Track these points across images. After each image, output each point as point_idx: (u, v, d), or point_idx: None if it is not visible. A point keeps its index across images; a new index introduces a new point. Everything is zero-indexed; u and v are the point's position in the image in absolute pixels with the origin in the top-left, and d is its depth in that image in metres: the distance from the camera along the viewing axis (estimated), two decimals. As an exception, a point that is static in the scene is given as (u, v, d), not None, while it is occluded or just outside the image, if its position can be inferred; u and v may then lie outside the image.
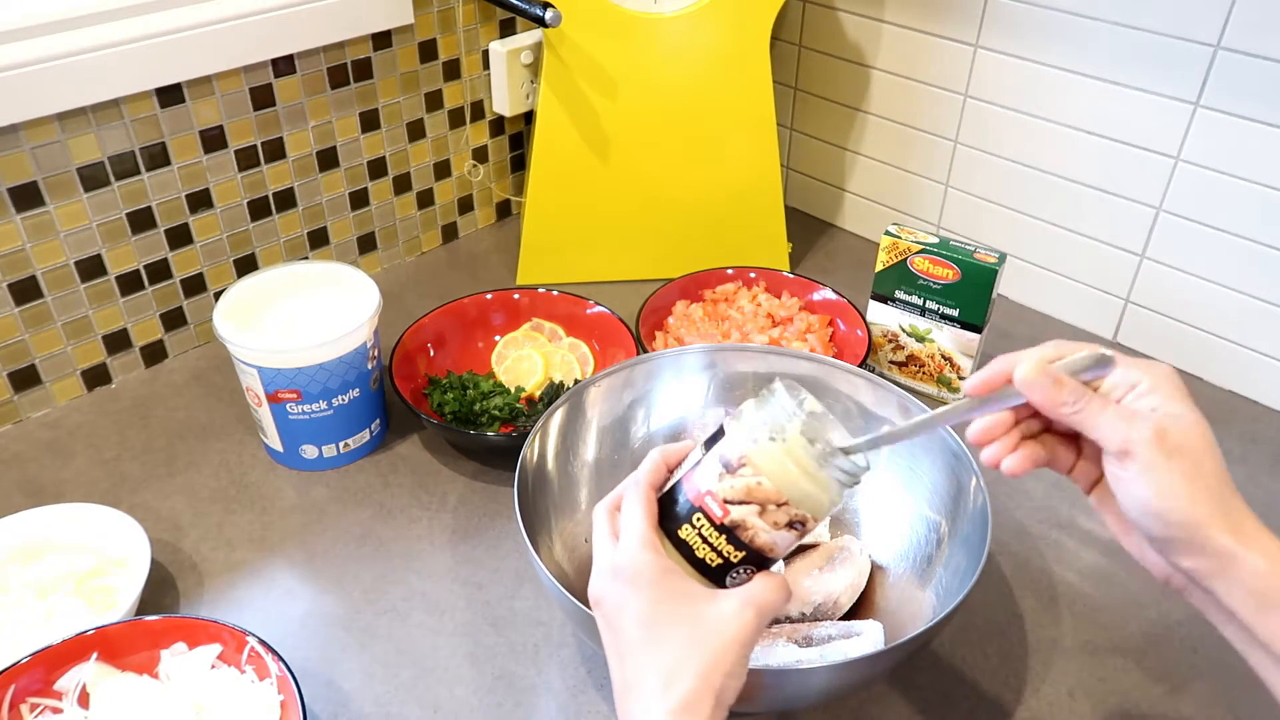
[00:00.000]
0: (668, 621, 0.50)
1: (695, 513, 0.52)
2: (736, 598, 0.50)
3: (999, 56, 1.03)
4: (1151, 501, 0.47)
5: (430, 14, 1.07)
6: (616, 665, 0.51)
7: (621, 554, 0.51)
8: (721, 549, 0.51)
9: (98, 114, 0.88)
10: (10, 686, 0.63)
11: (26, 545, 0.75)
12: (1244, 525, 0.47)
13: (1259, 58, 0.87)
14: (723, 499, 0.51)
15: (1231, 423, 0.96)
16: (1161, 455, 0.47)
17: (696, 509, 0.52)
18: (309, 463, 0.89)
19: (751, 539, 0.51)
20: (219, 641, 0.67)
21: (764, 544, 0.51)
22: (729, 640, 0.49)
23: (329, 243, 1.11)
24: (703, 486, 0.52)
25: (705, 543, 0.51)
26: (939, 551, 0.72)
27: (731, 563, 0.52)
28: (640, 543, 0.51)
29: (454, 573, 0.80)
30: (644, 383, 0.82)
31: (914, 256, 0.93)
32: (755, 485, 0.50)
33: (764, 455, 0.50)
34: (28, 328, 0.91)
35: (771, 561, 0.53)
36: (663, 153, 1.09)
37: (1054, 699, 0.71)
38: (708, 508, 0.51)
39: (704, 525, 0.51)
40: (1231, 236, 0.94)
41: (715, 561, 0.52)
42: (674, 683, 0.48)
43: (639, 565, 0.50)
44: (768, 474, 0.50)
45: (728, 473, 0.51)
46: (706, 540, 0.51)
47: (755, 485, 0.50)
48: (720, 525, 0.51)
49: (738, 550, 0.51)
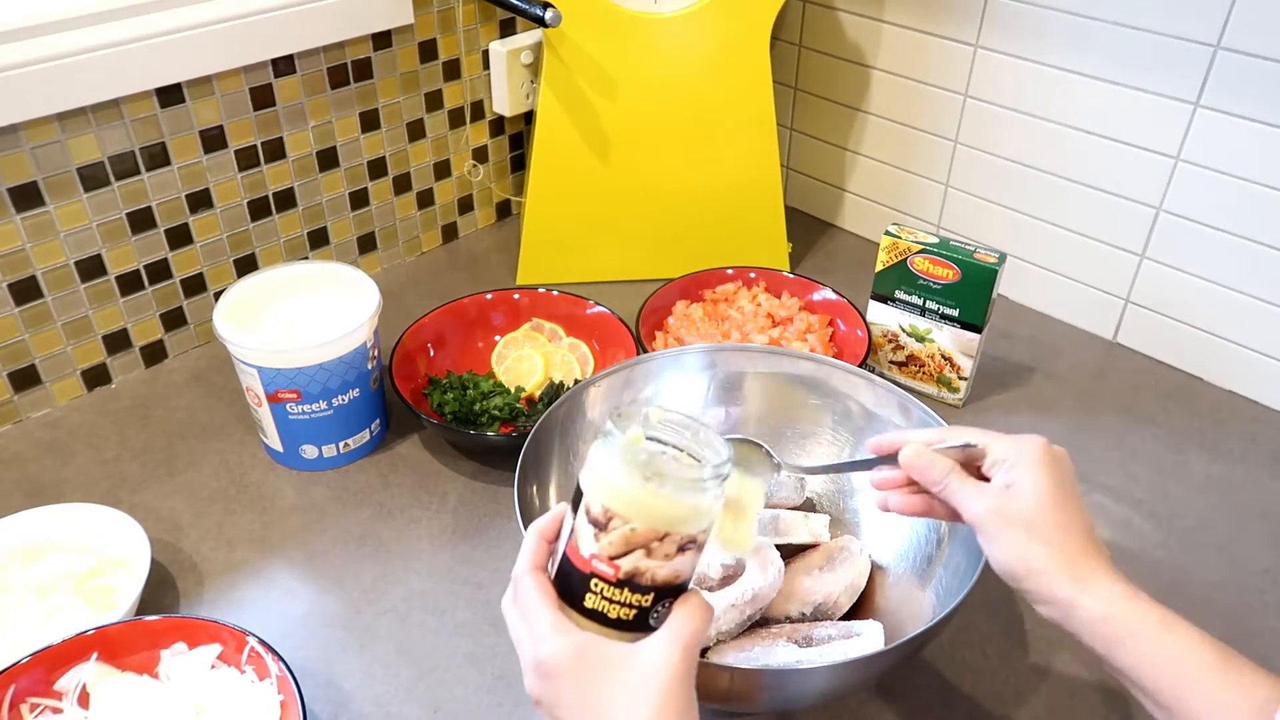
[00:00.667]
0: (603, 696, 0.49)
1: (590, 579, 0.50)
2: (659, 642, 0.50)
3: (999, 56, 1.04)
4: (997, 563, 0.57)
5: (430, 14, 1.07)
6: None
7: (537, 647, 0.51)
8: (630, 601, 0.50)
9: (98, 114, 0.88)
10: (10, 686, 0.63)
11: (26, 545, 0.75)
12: (1084, 575, 0.55)
13: (1259, 58, 0.87)
14: (607, 557, 0.50)
15: (1231, 423, 0.96)
16: (1001, 525, 0.57)
17: (589, 576, 0.50)
18: (309, 463, 0.89)
19: (652, 579, 0.50)
20: (219, 641, 0.67)
21: (667, 578, 0.50)
22: (666, 684, 0.48)
23: (329, 243, 1.11)
24: (585, 552, 0.51)
25: (613, 603, 0.50)
26: (939, 551, 0.72)
27: (645, 608, 0.51)
28: (548, 629, 0.51)
29: (454, 573, 0.80)
30: (644, 383, 0.82)
31: (914, 256, 0.93)
32: (630, 533, 0.49)
33: (622, 499, 0.49)
34: (28, 328, 0.91)
35: (685, 585, 0.52)
36: (663, 153, 1.09)
37: (1054, 699, 0.71)
38: (598, 571, 0.50)
39: (603, 588, 0.50)
40: (1231, 236, 0.94)
41: (630, 615, 0.51)
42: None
43: (555, 652, 0.50)
44: (635, 516, 0.49)
45: (600, 530, 0.50)
46: (613, 600, 0.50)
47: (630, 533, 0.49)
48: (617, 581, 0.50)
49: (644, 595, 0.50)
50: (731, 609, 0.67)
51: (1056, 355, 1.06)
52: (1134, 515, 0.86)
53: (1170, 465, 0.91)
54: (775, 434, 0.83)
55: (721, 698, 0.63)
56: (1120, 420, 0.97)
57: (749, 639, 0.69)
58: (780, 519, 0.77)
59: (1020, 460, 0.58)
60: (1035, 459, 0.58)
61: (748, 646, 0.68)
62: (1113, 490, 0.89)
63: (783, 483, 0.80)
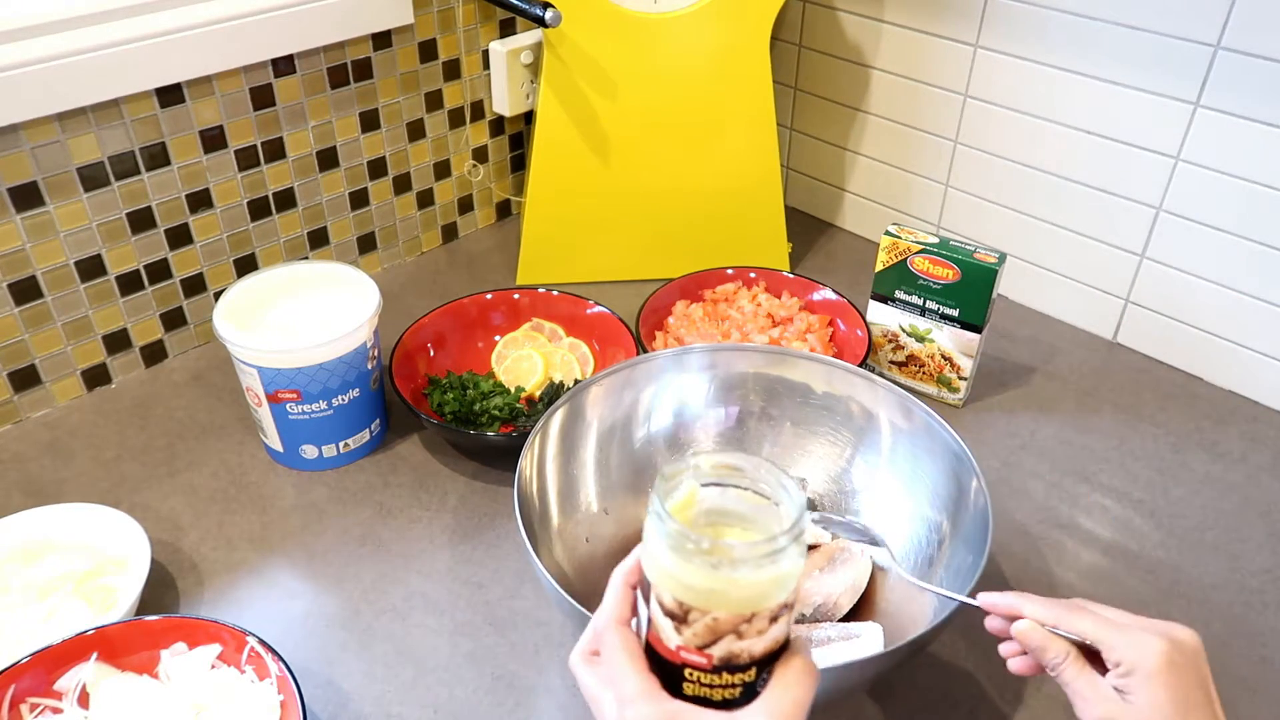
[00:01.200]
0: None
1: (684, 669, 0.46)
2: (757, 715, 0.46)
3: (999, 56, 1.04)
4: None
5: (430, 14, 1.07)
6: None
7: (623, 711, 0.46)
8: (731, 683, 0.46)
9: (98, 114, 0.88)
10: (10, 686, 0.63)
11: (26, 545, 0.75)
12: None
13: (1259, 58, 0.87)
14: (695, 648, 0.45)
15: (1231, 423, 0.96)
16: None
17: (682, 666, 0.46)
18: (309, 463, 0.89)
19: (750, 656, 0.46)
20: (219, 641, 0.67)
21: (766, 649, 0.46)
22: None
23: (329, 243, 1.11)
24: (671, 644, 0.46)
25: (714, 688, 0.46)
26: (940, 552, 0.72)
27: (750, 683, 0.46)
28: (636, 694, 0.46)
29: (454, 573, 0.80)
30: (644, 383, 0.82)
31: (914, 256, 0.93)
32: (712, 623, 0.44)
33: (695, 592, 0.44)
34: (28, 328, 0.91)
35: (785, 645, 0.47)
36: (663, 153, 1.09)
37: (1054, 699, 0.71)
38: (690, 662, 0.46)
39: (699, 676, 0.46)
40: (1231, 236, 0.94)
41: (735, 693, 0.46)
42: None
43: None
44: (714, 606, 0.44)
45: (680, 623, 0.45)
46: (714, 685, 0.46)
47: (712, 623, 0.44)
48: (713, 668, 0.46)
49: (746, 672, 0.46)
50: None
51: (1056, 355, 1.06)
52: (1134, 515, 0.86)
53: (1170, 465, 0.91)
54: (775, 433, 0.83)
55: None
56: (1120, 420, 0.97)
57: (749, 639, 0.69)
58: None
59: (1139, 669, 0.53)
60: (1155, 670, 0.52)
61: (748, 647, 0.68)
62: (1113, 490, 0.89)
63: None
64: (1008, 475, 0.90)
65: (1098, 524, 0.85)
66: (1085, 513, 0.86)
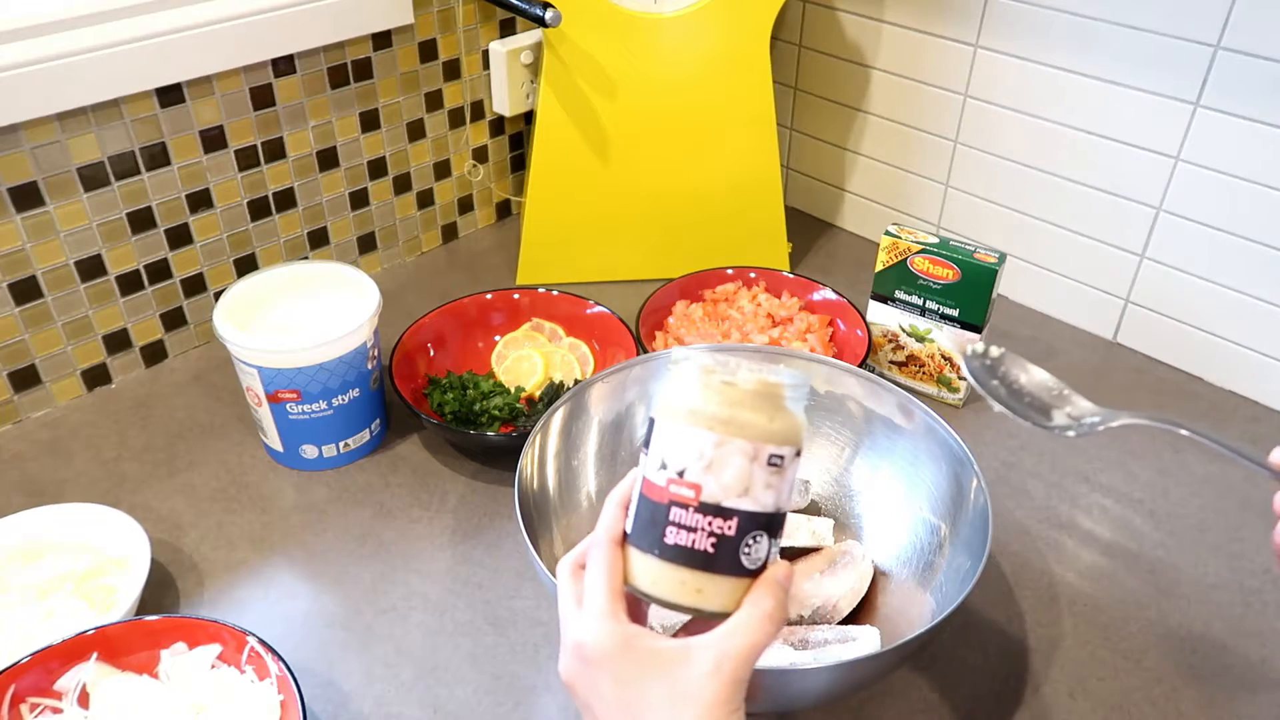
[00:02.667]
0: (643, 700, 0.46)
1: (669, 509, 0.47)
2: (710, 654, 0.46)
3: (999, 56, 1.03)
4: None
5: (430, 14, 1.07)
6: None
7: (584, 629, 0.48)
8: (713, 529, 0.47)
9: (98, 114, 0.88)
10: (10, 686, 0.63)
11: (26, 545, 0.75)
12: None
13: (1259, 58, 0.87)
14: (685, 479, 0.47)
15: (1231, 423, 0.96)
16: None
17: (668, 506, 0.47)
18: (309, 463, 0.89)
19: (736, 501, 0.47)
20: (219, 641, 0.67)
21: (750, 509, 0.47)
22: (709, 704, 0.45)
23: (329, 243, 1.11)
24: (660, 481, 0.48)
25: (695, 531, 0.47)
26: (940, 554, 0.72)
27: (731, 537, 0.47)
28: (602, 612, 0.48)
29: (454, 573, 0.80)
30: (644, 383, 0.82)
31: (914, 256, 0.93)
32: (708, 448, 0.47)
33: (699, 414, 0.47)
34: (28, 328, 0.91)
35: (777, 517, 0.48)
36: (663, 153, 1.09)
37: (1054, 699, 0.71)
38: (677, 497, 0.47)
39: (683, 516, 0.47)
40: (1231, 236, 0.94)
41: (712, 543, 0.47)
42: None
43: (603, 639, 0.47)
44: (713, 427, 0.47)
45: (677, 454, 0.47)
46: (695, 529, 0.47)
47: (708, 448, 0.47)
48: (699, 505, 0.47)
49: (728, 520, 0.47)
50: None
51: (1056, 355, 1.06)
52: (1134, 515, 0.86)
53: (1170, 465, 0.91)
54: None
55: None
56: (1120, 420, 0.97)
57: (749, 639, 0.69)
58: (781, 519, 0.77)
59: None
60: None
61: (747, 647, 0.68)
62: (1113, 490, 0.89)
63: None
64: (1008, 475, 0.90)
65: (1097, 524, 0.85)
66: (1085, 512, 0.86)
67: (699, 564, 0.47)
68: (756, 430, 0.47)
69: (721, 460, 0.47)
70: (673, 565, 0.48)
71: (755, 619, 0.47)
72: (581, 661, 0.48)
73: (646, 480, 0.49)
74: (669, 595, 0.48)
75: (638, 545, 0.49)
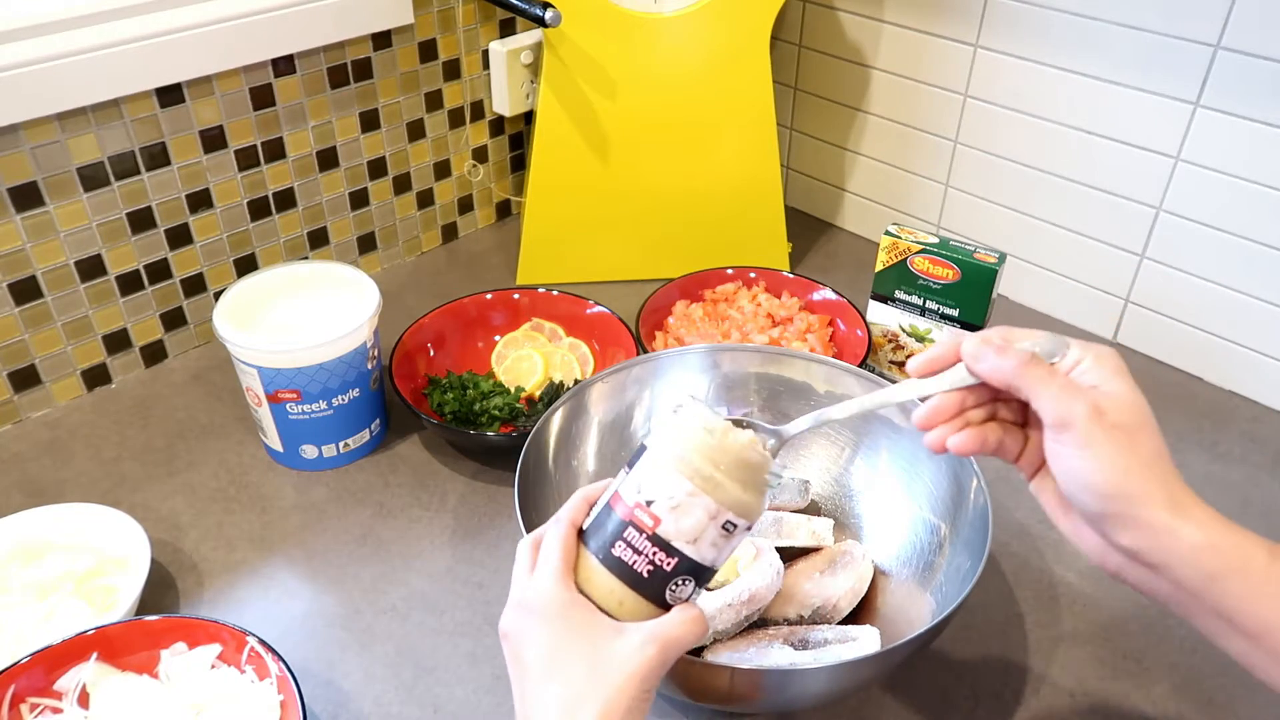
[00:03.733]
0: (569, 655, 0.50)
1: (626, 526, 0.52)
2: (641, 632, 0.50)
3: (999, 56, 1.03)
4: (1087, 475, 0.47)
5: (430, 14, 1.07)
6: (518, 698, 0.51)
7: (531, 587, 0.52)
8: (655, 559, 0.52)
9: (98, 114, 0.88)
10: (10, 686, 0.63)
11: (26, 545, 0.75)
12: (1180, 500, 0.47)
13: (1259, 58, 0.87)
14: (650, 508, 0.52)
15: (1231, 423, 0.96)
16: (1099, 429, 0.47)
17: (627, 523, 0.52)
18: (309, 463, 0.89)
19: (682, 548, 0.52)
20: (219, 641, 0.67)
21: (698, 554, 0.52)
22: (629, 674, 0.49)
23: (329, 243, 1.11)
24: (630, 500, 0.52)
25: (640, 554, 0.52)
26: (940, 554, 0.72)
27: (666, 573, 0.52)
28: (551, 576, 0.52)
29: (454, 573, 0.80)
30: (644, 383, 0.82)
31: (914, 256, 0.93)
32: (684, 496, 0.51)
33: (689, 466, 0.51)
34: (28, 328, 0.91)
35: (708, 571, 0.53)
36: (663, 153, 1.09)
37: (1054, 699, 0.71)
38: (637, 520, 0.52)
39: (634, 537, 0.52)
40: (1231, 236, 0.94)
41: (649, 572, 0.52)
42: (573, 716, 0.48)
43: (546, 598, 0.51)
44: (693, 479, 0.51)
45: (653, 484, 0.52)
46: (640, 552, 0.52)
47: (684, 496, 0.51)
48: (652, 535, 0.51)
49: (670, 558, 0.52)
50: (728, 609, 0.67)
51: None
52: (1134, 515, 0.86)
53: (1170, 465, 0.91)
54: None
55: (722, 697, 0.63)
56: (1120, 420, 0.96)
57: (745, 640, 0.69)
58: (783, 521, 0.77)
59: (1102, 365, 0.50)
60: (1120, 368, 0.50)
61: (743, 647, 0.68)
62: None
63: (786, 485, 0.80)
64: (1008, 475, 0.90)
65: (1098, 524, 0.85)
66: (1085, 513, 0.86)
67: (629, 581, 0.52)
68: (726, 496, 0.51)
69: (687, 508, 0.51)
70: (608, 572, 0.53)
71: (685, 619, 0.51)
72: (524, 613, 0.52)
73: (618, 493, 0.54)
74: (594, 595, 0.53)
75: (586, 542, 0.54)
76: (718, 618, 0.67)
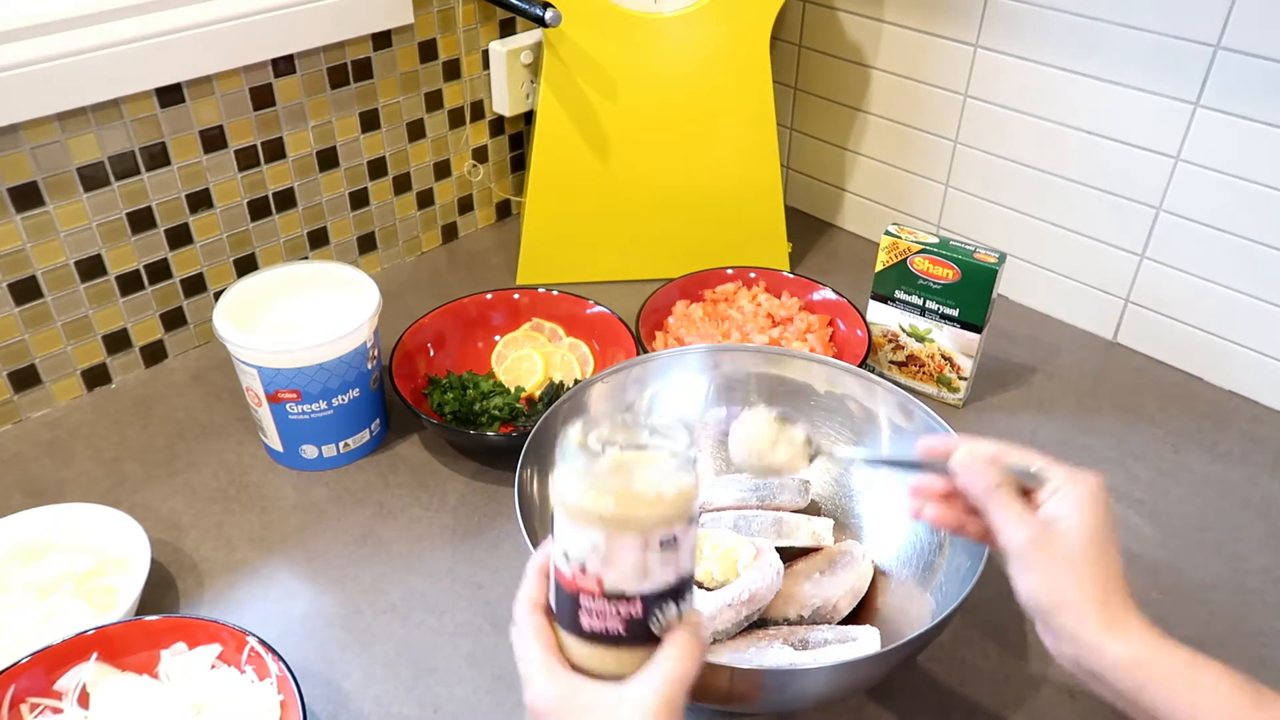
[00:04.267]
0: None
1: (578, 598, 0.49)
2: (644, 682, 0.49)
3: (999, 56, 1.03)
4: (1024, 594, 0.55)
5: (430, 14, 1.07)
6: None
7: (528, 688, 0.52)
8: (620, 613, 0.49)
9: (98, 114, 0.88)
10: (10, 686, 0.63)
11: (26, 545, 0.75)
12: (1116, 618, 0.53)
13: (1259, 58, 0.87)
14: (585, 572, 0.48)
15: (1231, 423, 0.96)
16: (1038, 556, 0.55)
17: (576, 595, 0.49)
18: (309, 463, 0.89)
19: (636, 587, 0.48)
20: (219, 641, 0.67)
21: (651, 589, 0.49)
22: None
23: (329, 243, 1.11)
24: (567, 573, 0.49)
25: (605, 617, 0.49)
26: (940, 554, 0.72)
27: (638, 619, 0.49)
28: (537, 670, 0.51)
29: (454, 573, 0.80)
30: (644, 383, 0.82)
31: (914, 256, 0.93)
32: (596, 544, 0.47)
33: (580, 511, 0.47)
34: (28, 328, 0.91)
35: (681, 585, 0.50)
36: (663, 153, 1.09)
37: (1054, 699, 0.71)
38: (583, 588, 0.49)
39: (592, 605, 0.49)
40: (1231, 236, 0.94)
41: (623, 625, 0.49)
42: None
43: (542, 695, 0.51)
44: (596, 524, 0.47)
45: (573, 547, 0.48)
46: (604, 615, 0.49)
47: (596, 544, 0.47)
48: (604, 594, 0.48)
49: (631, 603, 0.49)
50: (728, 609, 0.67)
51: (1056, 355, 1.06)
52: (1134, 515, 0.86)
53: (1170, 465, 0.91)
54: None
55: (721, 698, 0.63)
56: (1120, 420, 0.97)
57: (745, 640, 0.69)
58: (783, 521, 0.77)
59: (1073, 494, 0.56)
60: (1090, 496, 0.56)
61: (743, 647, 0.68)
62: (1113, 490, 0.88)
63: (785, 485, 0.80)
64: (1008, 475, 0.90)
65: (1098, 524, 0.85)
66: (1085, 513, 0.86)
67: (612, 644, 0.50)
68: (640, 522, 0.47)
69: (615, 554, 0.48)
70: (589, 645, 0.50)
71: (679, 654, 0.50)
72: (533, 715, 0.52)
73: (557, 568, 0.50)
74: (596, 669, 0.51)
75: (560, 624, 0.52)
76: (718, 618, 0.67)
